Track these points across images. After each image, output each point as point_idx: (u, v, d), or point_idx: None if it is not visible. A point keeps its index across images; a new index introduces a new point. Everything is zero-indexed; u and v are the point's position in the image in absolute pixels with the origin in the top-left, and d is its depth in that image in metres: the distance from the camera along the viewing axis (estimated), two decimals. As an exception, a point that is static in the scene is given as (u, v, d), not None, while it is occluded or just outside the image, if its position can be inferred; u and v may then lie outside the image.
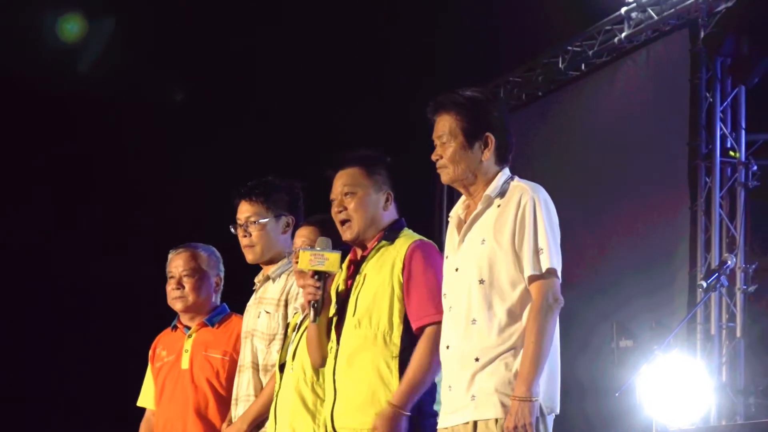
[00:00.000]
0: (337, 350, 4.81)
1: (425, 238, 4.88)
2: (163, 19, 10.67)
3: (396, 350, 4.70)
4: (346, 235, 4.86)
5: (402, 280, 4.74)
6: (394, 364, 4.69)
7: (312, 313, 4.83)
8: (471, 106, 4.56)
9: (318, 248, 4.86)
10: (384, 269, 4.79)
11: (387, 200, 4.91)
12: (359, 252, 4.91)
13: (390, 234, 4.87)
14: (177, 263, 5.92)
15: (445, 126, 4.56)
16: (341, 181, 4.90)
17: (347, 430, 4.73)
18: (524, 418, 4.27)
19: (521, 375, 4.31)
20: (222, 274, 5.99)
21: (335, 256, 4.80)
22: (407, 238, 4.85)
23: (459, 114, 4.55)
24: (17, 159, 11.00)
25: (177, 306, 5.91)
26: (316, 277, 4.82)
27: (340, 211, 4.87)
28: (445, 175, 4.57)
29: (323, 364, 4.92)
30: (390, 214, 4.93)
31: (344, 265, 4.93)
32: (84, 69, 11.07)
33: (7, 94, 10.51)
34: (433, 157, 4.59)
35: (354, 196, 4.86)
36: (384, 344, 4.72)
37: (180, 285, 5.89)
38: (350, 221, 4.85)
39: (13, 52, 10.50)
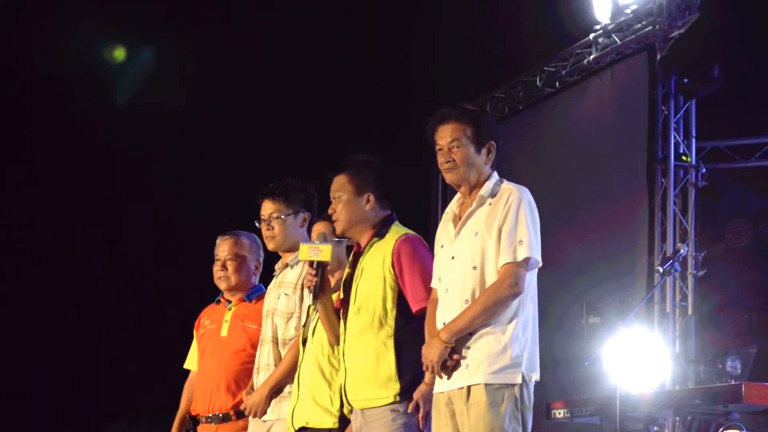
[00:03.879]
0: (345, 334, 4.89)
1: (410, 231, 4.92)
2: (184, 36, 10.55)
3: (391, 331, 4.76)
4: (337, 230, 4.97)
5: (393, 272, 4.79)
6: (390, 343, 4.75)
7: (311, 297, 4.94)
8: (477, 118, 4.55)
9: (316, 242, 4.93)
10: (377, 262, 4.85)
11: (368, 201, 4.93)
12: (358, 247, 5.00)
13: (381, 230, 4.91)
14: (223, 248, 5.90)
15: (456, 133, 4.51)
16: (333, 186, 4.99)
17: (357, 401, 4.81)
18: (431, 355, 4.38)
19: (449, 324, 4.37)
20: (261, 259, 5.94)
21: (327, 247, 4.87)
22: (395, 233, 4.89)
23: (469, 124, 4.52)
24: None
25: (221, 285, 5.91)
26: (314, 265, 4.90)
27: (333, 212, 4.98)
28: (455, 175, 4.53)
29: (338, 342, 4.97)
30: (377, 211, 4.96)
31: (350, 259, 5.00)
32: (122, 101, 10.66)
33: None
34: (444, 159, 4.54)
35: (340, 200, 4.94)
36: (380, 326, 4.77)
37: (224, 267, 5.87)
38: (338, 220, 4.95)
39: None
